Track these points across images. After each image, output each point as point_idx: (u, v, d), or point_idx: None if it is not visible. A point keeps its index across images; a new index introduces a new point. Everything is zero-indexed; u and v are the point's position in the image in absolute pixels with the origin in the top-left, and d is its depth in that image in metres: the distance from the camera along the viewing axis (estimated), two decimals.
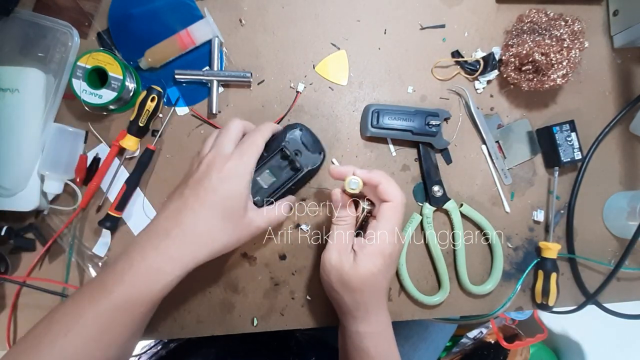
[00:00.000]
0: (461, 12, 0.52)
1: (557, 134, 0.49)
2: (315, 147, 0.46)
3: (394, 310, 0.50)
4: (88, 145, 0.48)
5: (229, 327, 0.48)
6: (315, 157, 0.46)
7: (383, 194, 0.39)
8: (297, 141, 0.45)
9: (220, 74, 0.48)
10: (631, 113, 0.52)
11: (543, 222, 0.52)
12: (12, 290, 0.47)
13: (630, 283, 0.53)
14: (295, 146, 0.45)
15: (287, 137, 0.45)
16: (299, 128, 0.46)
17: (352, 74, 0.51)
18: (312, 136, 0.47)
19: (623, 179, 0.53)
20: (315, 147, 0.46)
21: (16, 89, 0.45)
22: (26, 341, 0.34)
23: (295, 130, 0.46)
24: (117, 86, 0.44)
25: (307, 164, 0.45)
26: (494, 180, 0.52)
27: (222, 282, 0.48)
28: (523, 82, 0.49)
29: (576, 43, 0.47)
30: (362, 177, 0.39)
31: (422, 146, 0.50)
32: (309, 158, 0.46)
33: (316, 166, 0.46)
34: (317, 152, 0.46)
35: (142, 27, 0.48)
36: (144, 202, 0.48)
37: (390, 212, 0.39)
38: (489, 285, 0.50)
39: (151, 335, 0.48)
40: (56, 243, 0.47)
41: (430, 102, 0.51)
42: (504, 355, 1.11)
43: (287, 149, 0.44)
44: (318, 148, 0.47)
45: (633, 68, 0.53)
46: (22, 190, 0.45)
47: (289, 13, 0.50)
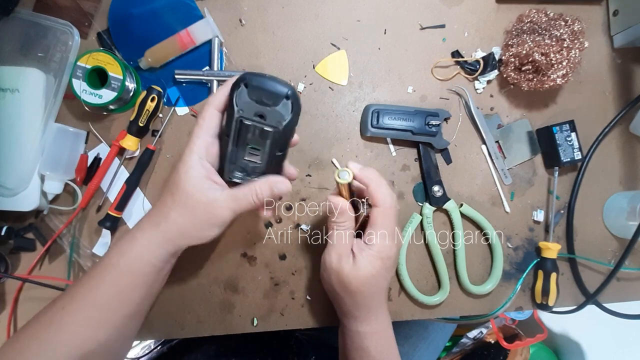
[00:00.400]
0: (461, 12, 0.52)
1: (557, 134, 0.49)
2: (276, 96, 0.34)
3: (394, 310, 0.50)
4: (88, 145, 0.48)
5: (229, 327, 0.48)
6: (283, 107, 0.35)
7: (371, 197, 0.38)
8: (250, 103, 0.35)
9: (220, 74, 0.48)
10: (631, 113, 0.52)
11: (543, 222, 0.52)
12: (12, 289, 0.47)
13: (630, 283, 0.53)
14: (252, 109, 0.35)
15: (236, 105, 0.35)
16: (244, 84, 0.34)
17: (352, 74, 0.51)
18: (265, 84, 0.34)
19: (623, 179, 0.53)
20: (276, 96, 0.34)
21: (16, 89, 0.45)
22: (63, 298, 0.38)
23: (241, 91, 0.34)
24: (117, 86, 0.44)
25: (278, 121, 0.35)
26: (494, 180, 0.52)
27: (222, 282, 0.49)
28: (523, 82, 0.49)
29: (576, 43, 0.47)
30: (354, 171, 0.37)
31: (422, 146, 0.50)
32: (275, 113, 0.35)
33: (289, 118, 0.35)
34: (282, 100, 0.34)
35: (142, 27, 0.48)
36: (144, 202, 0.48)
37: (381, 218, 0.38)
38: (489, 285, 0.50)
39: (151, 335, 0.48)
40: (56, 243, 0.47)
41: (430, 102, 0.51)
42: (504, 355, 1.11)
43: (245, 118, 0.35)
44: (280, 95, 0.34)
45: (633, 68, 0.53)
46: (24, 190, 0.45)
47: (289, 13, 0.50)
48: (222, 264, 0.49)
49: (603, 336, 1.02)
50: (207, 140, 0.37)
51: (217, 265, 0.48)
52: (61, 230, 0.46)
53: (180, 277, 0.48)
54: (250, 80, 0.34)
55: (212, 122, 0.37)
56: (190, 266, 0.48)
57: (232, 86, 0.35)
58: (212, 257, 0.48)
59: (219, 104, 0.37)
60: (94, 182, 0.47)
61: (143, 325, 0.47)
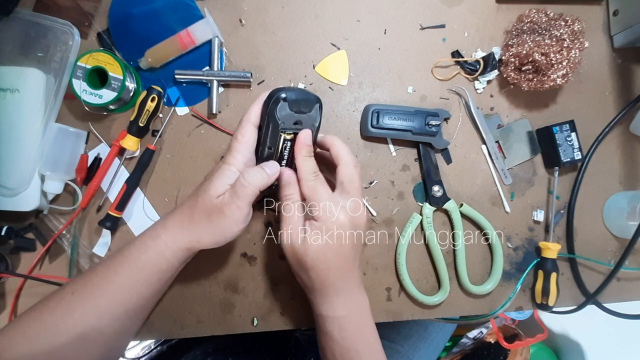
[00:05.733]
0: (461, 12, 0.52)
1: (557, 134, 0.49)
2: (309, 102, 0.40)
3: (394, 310, 0.50)
4: (88, 145, 0.48)
5: (229, 327, 0.48)
6: (315, 111, 0.40)
7: (335, 157, 0.39)
8: (289, 115, 0.39)
9: (220, 74, 0.48)
10: (631, 113, 0.52)
11: (543, 222, 0.52)
12: (13, 289, 0.47)
13: (630, 283, 0.53)
14: (291, 119, 0.39)
15: (279, 116, 0.39)
16: (283, 97, 0.38)
17: (352, 74, 0.51)
18: (300, 95, 0.39)
19: (623, 179, 0.53)
20: (309, 103, 0.40)
21: (16, 89, 0.45)
22: (74, 284, 0.39)
23: (281, 105, 0.39)
24: (117, 86, 0.44)
25: (312, 124, 0.41)
26: (494, 180, 0.52)
27: (222, 282, 0.49)
28: (523, 82, 0.49)
29: (576, 43, 0.47)
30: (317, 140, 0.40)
31: (422, 146, 0.50)
32: (309, 118, 0.40)
33: (320, 119, 0.41)
34: (313, 105, 0.40)
35: (142, 27, 0.48)
36: (144, 202, 0.48)
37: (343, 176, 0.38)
38: (489, 285, 0.50)
39: (151, 335, 0.48)
40: (56, 243, 0.47)
41: (430, 102, 0.51)
42: (504, 355, 1.11)
43: (287, 129, 0.40)
44: (313, 101, 0.40)
45: (633, 68, 0.53)
46: (25, 190, 0.45)
47: (289, 13, 0.50)
48: (222, 264, 0.49)
49: (603, 336, 1.02)
50: (246, 156, 0.39)
51: (217, 265, 0.48)
52: (61, 230, 0.46)
53: (181, 277, 0.48)
54: (288, 95, 0.38)
55: (251, 139, 0.40)
56: (191, 266, 0.48)
57: (270, 103, 0.38)
58: (212, 257, 0.48)
59: (255, 120, 0.40)
60: (94, 182, 0.47)
61: (143, 326, 0.47)
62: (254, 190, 0.37)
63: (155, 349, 0.74)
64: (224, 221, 0.37)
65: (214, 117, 0.49)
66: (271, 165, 0.39)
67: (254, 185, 0.37)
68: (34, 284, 0.46)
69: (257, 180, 0.37)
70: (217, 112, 0.48)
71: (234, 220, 0.37)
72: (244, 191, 0.37)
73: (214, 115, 0.49)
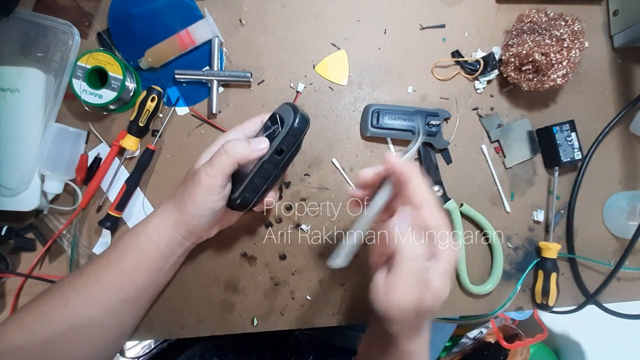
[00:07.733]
0: (461, 12, 0.52)
1: (557, 134, 0.49)
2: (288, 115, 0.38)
3: None
4: (88, 145, 0.48)
5: (229, 327, 0.48)
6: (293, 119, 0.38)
7: (408, 197, 0.30)
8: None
9: (220, 74, 0.48)
10: (631, 113, 0.52)
11: (543, 222, 0.52)
12: (13, 289, 0.47)
13: (630, 283, 0.53)
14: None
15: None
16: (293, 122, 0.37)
17: (352, 74, 0.51)
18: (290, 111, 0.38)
19: (623, 179, 0.53)
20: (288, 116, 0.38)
21: (16, 89, 0.45)
22: (73, 274, 0.39)
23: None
24: (117, 86, 0.44)
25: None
26: (494, 180, 0.52)
27: (222, 282, 0.49)
28: (523, 82, 0.49)
29: (576, 43, 0.47)
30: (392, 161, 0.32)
31: (422, 146, 0.50)
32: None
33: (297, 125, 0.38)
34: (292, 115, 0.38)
35: (142, 27, 0.48)
36: (144, 202, 0.48)
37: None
38: (489, 285, 0.50)
39: (151, 335, 0.48)
40: (56, 243, 0.47)
41: (430, 102, 0.51)
42: (504, 355, 1.11)
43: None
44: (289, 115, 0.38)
45: (633, 68, 0.53)
46: (25, 190, 0.45)
47: (289, 13, 0.50)
48: (222, 264, 0.49)
49: (603, 336, 1.02)
50: (247, 136, 0.40)
51: (217, 265, 0.48)
52: (61, 230, 0.46)
53: (180, 277, 0.48)
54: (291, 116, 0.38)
55: (254, 126, 0.41)
56: (190, 266, 0.48)
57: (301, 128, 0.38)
58: (212, 257, 0.48)
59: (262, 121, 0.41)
60: (94, 182, 0.47)
61: (143, 325, 0.47)
62: (231, 160, 0.36)
63: (156, 348, 0.74)
64: (196, 187, 0.37)
65: (214, 117, 0.49)
66: (259, 140, 0.37)
67: (231, 154, 0.36)
68: (34, 284, 0.46)
69: (237, 151, 0.36)
70: (217, 112, 0.48)
71: (204, 188, 0.36)
72: (219, 159, 0.36)
73: (214, 115, 0.49)
